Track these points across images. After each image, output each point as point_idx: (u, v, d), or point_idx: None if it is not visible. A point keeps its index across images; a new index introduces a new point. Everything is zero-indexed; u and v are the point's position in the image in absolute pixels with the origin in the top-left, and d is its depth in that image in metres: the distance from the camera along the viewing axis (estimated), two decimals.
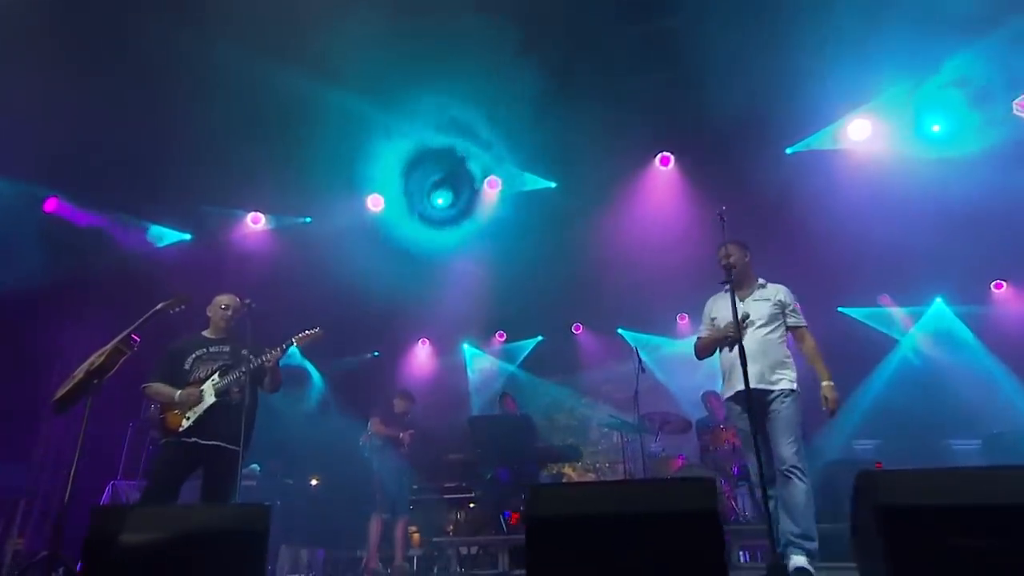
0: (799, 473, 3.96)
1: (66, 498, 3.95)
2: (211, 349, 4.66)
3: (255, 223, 8.86)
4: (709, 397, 7.59)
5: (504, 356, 11.48)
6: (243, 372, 4.48)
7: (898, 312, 9.26)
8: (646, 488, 2.70)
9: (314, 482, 8.54)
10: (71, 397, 4.16)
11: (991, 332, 8.61)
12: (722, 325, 4.48)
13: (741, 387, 4.11)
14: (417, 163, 8.48)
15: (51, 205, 8.45)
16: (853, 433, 8.00)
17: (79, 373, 4.21)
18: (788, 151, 7.55)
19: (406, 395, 7.32)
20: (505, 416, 7.94)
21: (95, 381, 4.11)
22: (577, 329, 11.15)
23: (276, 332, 4.77)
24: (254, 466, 7.58)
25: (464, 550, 6.90)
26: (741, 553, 5.99)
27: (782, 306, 4.45)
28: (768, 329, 4.38)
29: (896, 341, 9.07)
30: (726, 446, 6.53)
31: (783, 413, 4.15)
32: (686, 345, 10.14)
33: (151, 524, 3.01)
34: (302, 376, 10.27)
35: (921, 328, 8.93)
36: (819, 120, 7.39)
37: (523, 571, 6.32)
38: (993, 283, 9.17)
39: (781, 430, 4.11)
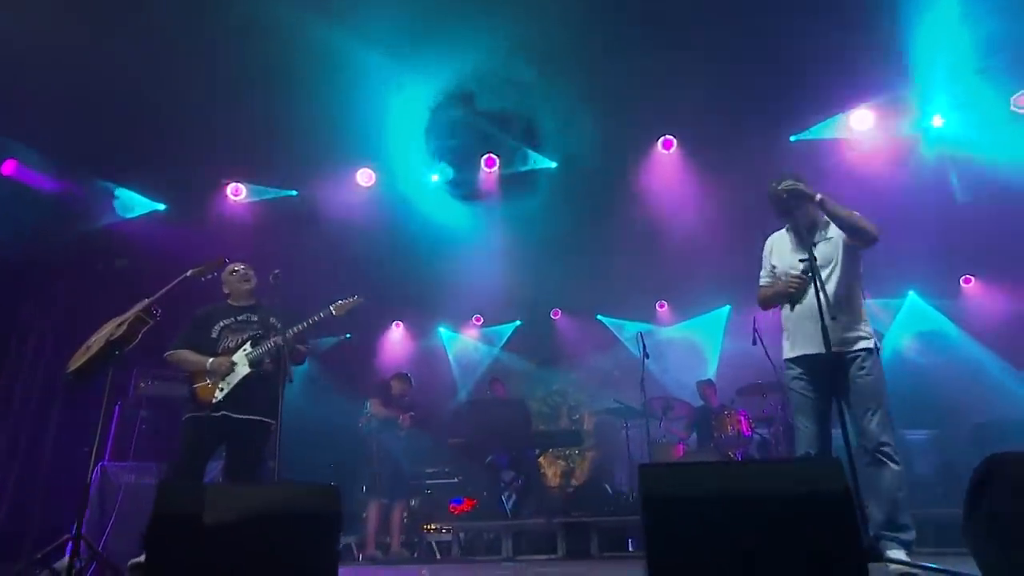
0: (890, 452, 3.39)
1: (88, 479, 3.66)
2: (239, 318, 4.39)
3: (236, 195, 8.39)
4: (703, 386, 7.65)
5: (483, 340, 11.32)
6: (277, 342, 4.21)
7: (873, 304, 9.54)
8: (767, 468, 2.61)
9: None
10: (90, 368, 3.84)
11: (964, 325, 8.95)
12: (783, 274, 3.85)
13: (811, 350, 3.63)
14: (411, 136, 8.21)
15: (8, 168, 7.83)
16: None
17: (96, 343, 3.88)
18: (792, 139, 7.59)
19: (403, 377, 7.12)
20: (504, 400, 7.81)
21: (116, 352, 3.80)
22: (556, 315, 11.09)
23: None
24: None
25: (464, 535, 6.76)
26: None
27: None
28: (840, 276, 3.70)
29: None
30: (731, 432, 6.58)
31: (866, 380, 3.52)
32: (670, 332, 10.42)
33: (221, 503, 2.77)
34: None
35: (900, 320, 9.19)
36: (821, 109, 7.46)
37: (527, 557, 6.26)
38: (962, 278, 9.52)
39: (866, 400, 3.48)
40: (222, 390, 4.13)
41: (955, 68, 6.93)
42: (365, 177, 8.29)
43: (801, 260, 3.68)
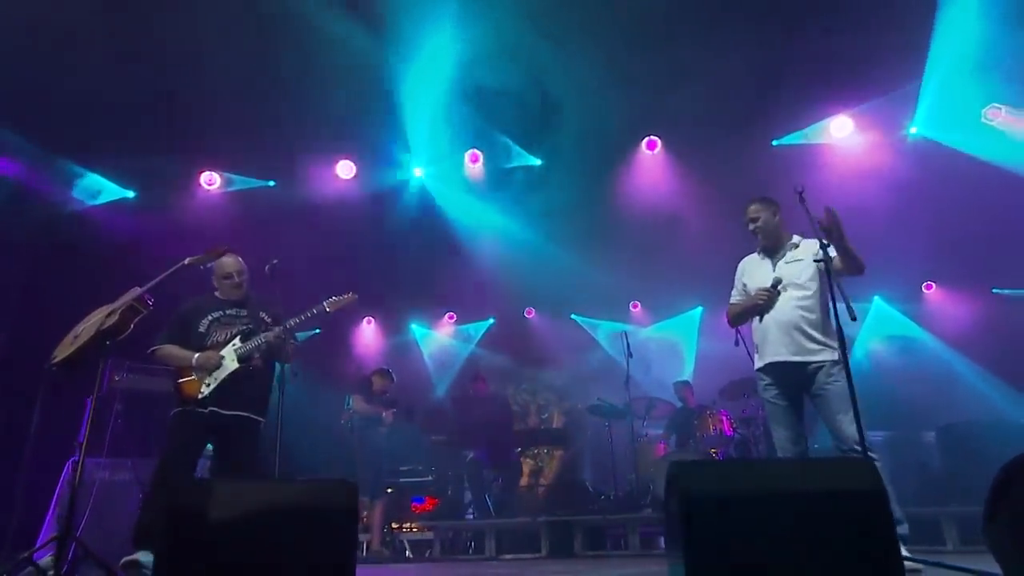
0: (865, 448, 3.47)
1: (76, 480, 3.50)
2: (228, 312, 4.23)
3: (210, 184, 8.14)
4: (682, 388, 7.72)
5: (457, 337, 11.23)
6: (268, 337, 4.09)
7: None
8: (802, 467, 2.62)
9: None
10: (78, 359, 3.67)
11: (928, 329, 9.23)
12: (753, 291, 4.14)
13: (777, 357, 3.95)
14: (392, 128, 8.08)
15: None
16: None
17: (85, 333, 3.71)
18: (774, 143, 7.72)
19: (385, 373, 7.00)
20: (488, 398, 7.76)
21: (107, 343, 3.64)
22: (529, 313, 11.07)
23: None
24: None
25: (450, 534, 6.69)
26: None
27: (818, 257, 3.88)
28: (805, 293, 3.96)
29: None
30: (713, 432, 6.65)
31: (835, 386, 3.77)
32: (647, 333, 10.48)
33: (236, 500, 2.67)
34: None
35: (867, 324, 9.42)
36: (803, 115, 7.60)
37: (511, 555, 6.23)
38: (924, 284, 9.82)
39: (836, 406, 3.73)
40: (208, 385, 3.98)
41: (930, 80, 7.16)
42: (346, 169, 8.12)
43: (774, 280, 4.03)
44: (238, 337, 4.12)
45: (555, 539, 6.12)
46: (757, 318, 4.12)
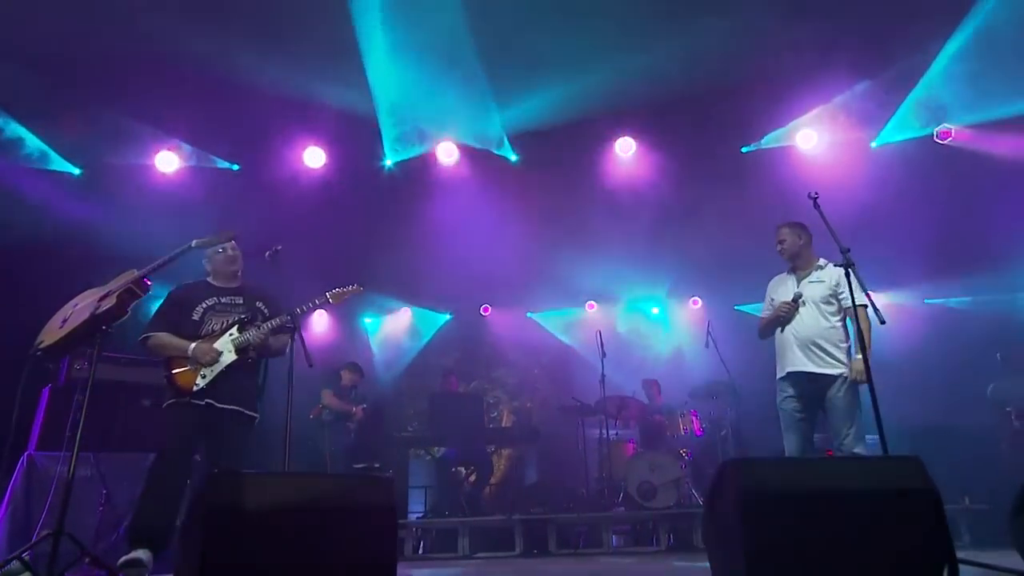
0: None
1: (69, 474, 3.25)
2: (223, 300, 4.00)
3: (167, 165, 7.69)
4: (650, 385, 7.81)
5: (410, 331, 11.03)
6: (265, 327, 3.90)
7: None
8: (854, 465, 2.69)
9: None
10: (67, 345, 3.41)
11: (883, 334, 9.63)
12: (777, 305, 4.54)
13: (791, 368, 4.35)
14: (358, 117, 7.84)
15: None
16: None
17: (75, 316, 3.44)
18: (744, 150, 7.92)
19: (354, 367, 6.84)
20: (461, 395, 7.65)
21: (104, 328, 3.39)
22: (486, 311, 10.99)
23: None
24: None
25: (419, 532, 6.55)
26: None
27: (836, 288, 4.38)
28: (824, 311, 4.36)
29: None
30: (684, 432, 6.77)
31: (842, 400, 4.18)
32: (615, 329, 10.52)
33: (275, 494, 2.53)
34: None
35: None
36: (772, 122, 7.83)
37: (485, 554, 6.16)
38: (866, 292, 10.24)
39: (840, 418, 4.16)
40: (204, 377, 3.76)
41: (888, 96, 7.52)
42: (312, 156, 7.85)
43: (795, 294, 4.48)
44: (235, 327, 3.90)
45: (530, 538, 6.11)
46: (780, 329, 4.49)
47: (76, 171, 7.67)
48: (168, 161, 7.65)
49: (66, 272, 5.13)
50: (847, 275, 3.94)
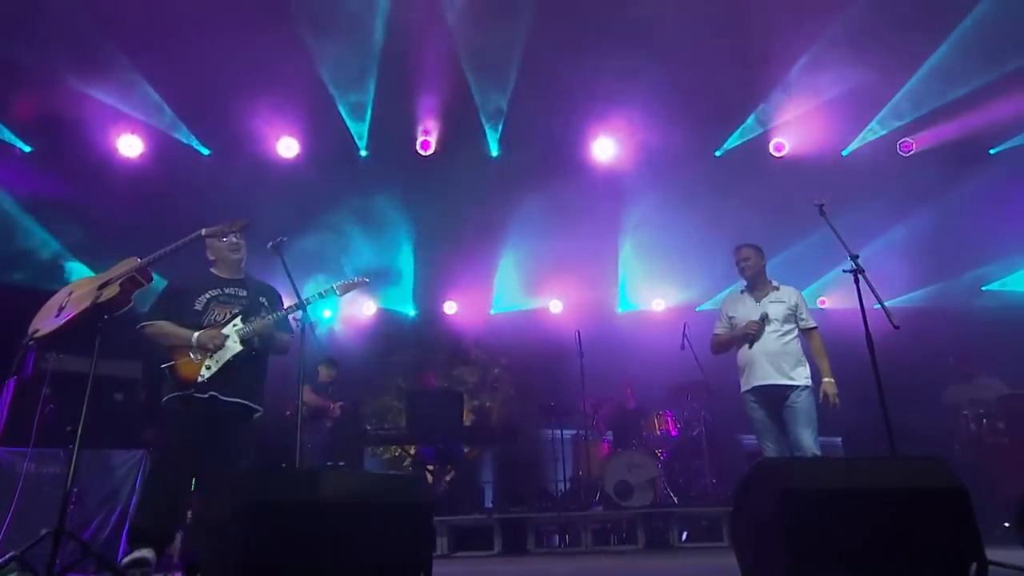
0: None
1: (70, 473, 3.06)
2: (227, 290, 3.84)
3: (129, 148, 7.33)
4: (625, 385, 7.87)
5: (372, 328, 10.79)
6: (270, 319, 3.76)
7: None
8: (884, 464, 2.76)
9: None
10: (64, 335, 3.21)
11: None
12: (741, 324, 4.84)
13: (760, 382, 4.68)
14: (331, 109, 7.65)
15: None
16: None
17: (72, 305, 3.25)
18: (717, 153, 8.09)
19: (331, 362, 6.66)
20: (440, 392, 7.54)
21: (105, 317, 3.21)
22: (448, 309, 10.86)
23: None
24: None
25: None
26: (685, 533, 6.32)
27: (795, 308, 4.83)
28: (785, 328, 4.75)
29: None
30: (659, 432, 6.86)
31: (802, 405, 4.55)
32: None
33: (320, 490, 2.47)
34: None
35: None
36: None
37: (463, 553, 6.10)
38: (818, 300, 10.65)
39: (801, 421, 4.51)
40: (209, 368, 3.59)
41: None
42: (286, 147, 7.62)
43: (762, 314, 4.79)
44: (239, 317, 3.75)
45: (508, 537, 6.09)
46: (747, 346, 4.78)
47: (27, 148, 7.24)
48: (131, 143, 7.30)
49: None
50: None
